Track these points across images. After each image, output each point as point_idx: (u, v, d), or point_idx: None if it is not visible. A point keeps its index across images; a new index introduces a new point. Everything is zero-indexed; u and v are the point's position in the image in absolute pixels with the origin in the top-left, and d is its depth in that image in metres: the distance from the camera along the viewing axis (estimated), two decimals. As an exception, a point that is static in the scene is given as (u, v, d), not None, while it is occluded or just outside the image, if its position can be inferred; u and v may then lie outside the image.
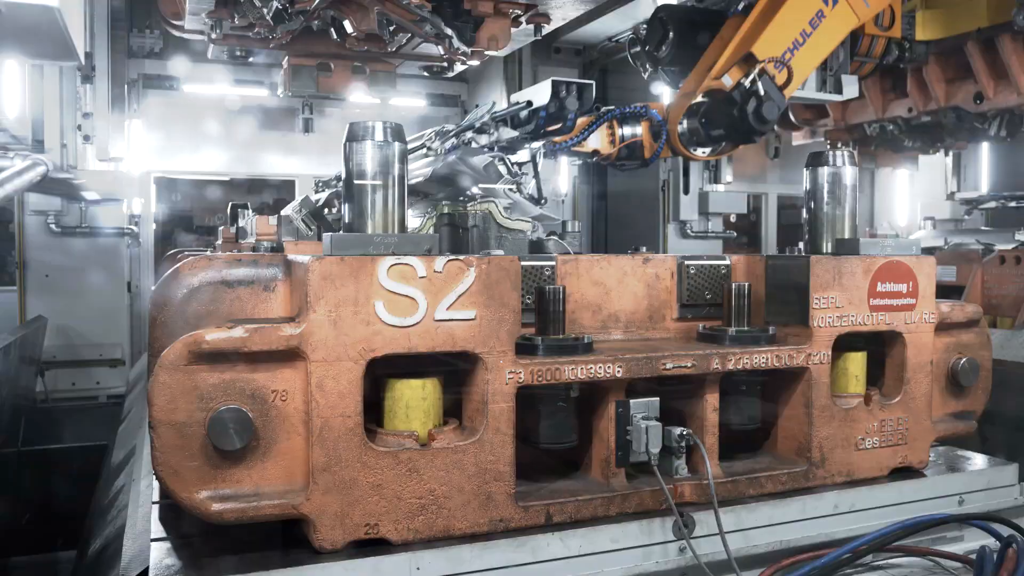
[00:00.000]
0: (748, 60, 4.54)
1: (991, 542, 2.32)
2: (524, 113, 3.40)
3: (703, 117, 4.57)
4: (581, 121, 4.16)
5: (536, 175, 3.35)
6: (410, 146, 3.21)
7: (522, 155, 3.41)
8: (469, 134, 3.33)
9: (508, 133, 3.38)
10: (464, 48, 5.48)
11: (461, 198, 2.87)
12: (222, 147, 10.36)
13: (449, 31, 5.27)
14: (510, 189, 3.02)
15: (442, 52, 5.88)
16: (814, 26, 4.64)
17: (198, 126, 10.21)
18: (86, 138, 9.96)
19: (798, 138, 8.64)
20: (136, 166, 10.16)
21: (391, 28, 5.39)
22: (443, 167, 2.98)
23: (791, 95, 5.62)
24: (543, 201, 3.26)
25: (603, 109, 4.44)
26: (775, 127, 7.87)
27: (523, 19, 5.70)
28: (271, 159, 10.57)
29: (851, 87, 6.93)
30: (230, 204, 6.16)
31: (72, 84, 9.83)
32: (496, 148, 3.28)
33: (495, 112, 3.40)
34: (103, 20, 9.21)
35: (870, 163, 9.64)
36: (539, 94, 3.52)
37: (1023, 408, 5.14)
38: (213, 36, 6.10)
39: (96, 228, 10.02)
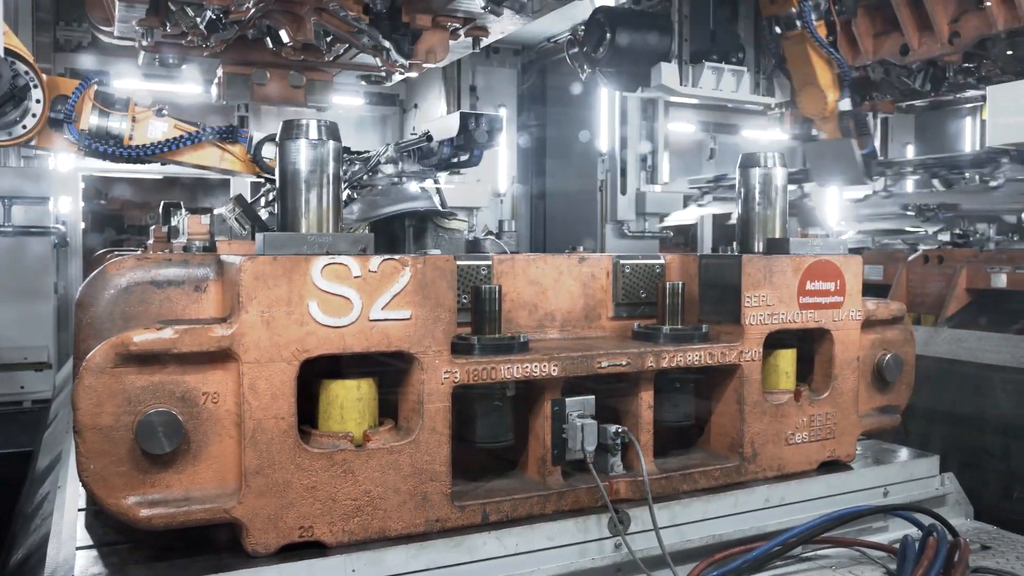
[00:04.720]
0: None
1: (913, 531, 2.40)
2: (432, 145, 3.43)
3: None
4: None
5: None
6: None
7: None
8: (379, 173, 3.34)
9: (412, 167, 3.40)
10: (402, 60, 5.43)
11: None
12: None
13: (387, 44, 5.21)
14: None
15: (380, 63, 5.82)
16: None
17: (130, 122, 9.94)
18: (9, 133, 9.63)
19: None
20: (63, 162, 9.87)
21: (328, 39, 5.31)
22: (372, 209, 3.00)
23: (724, 98, 5.71)
24: None
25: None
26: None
27: (462, 32, 5.66)
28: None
29: (785, 89, 7.14)
30: (162, 203, 6.02)
31: (-6, 78, 9.50)
32: (402, 178, 3.30)
33: (401, 144, 3.41)
34: (27, 12, 8.92)
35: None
36: (447, 126, 3.51)
37: (945, 402, 5.33)
38: (144, 43, 5.91)
39: (20, 228, 9.69)
